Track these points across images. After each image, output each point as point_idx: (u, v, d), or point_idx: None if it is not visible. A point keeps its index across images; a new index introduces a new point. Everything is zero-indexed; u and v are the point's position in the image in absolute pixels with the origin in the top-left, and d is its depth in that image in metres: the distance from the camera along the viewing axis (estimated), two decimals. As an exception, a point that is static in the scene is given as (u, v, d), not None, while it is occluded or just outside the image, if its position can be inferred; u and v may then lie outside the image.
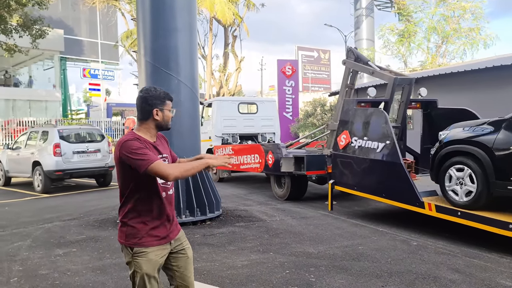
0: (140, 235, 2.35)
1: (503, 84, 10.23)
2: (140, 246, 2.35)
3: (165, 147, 2.58)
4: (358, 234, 5.89)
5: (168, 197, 2.46)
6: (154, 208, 2.38)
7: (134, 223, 2.36)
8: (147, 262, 2.35)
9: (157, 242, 2.38)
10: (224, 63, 32.83)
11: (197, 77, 7.22)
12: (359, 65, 8.30)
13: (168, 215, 2.45)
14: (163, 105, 2.47)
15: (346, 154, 7.08)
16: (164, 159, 2.46)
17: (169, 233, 2.45)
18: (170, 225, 2.47)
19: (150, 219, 2.38)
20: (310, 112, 22.49)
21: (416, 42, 21.82)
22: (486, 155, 5.11)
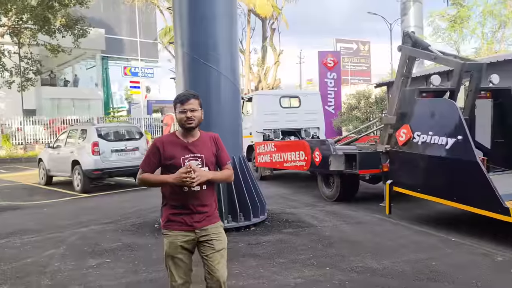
0: (167, 219, 2.75)
1: None
2: (165, 228, 2.77)
3: (205, 147, 2.78)
4: (427, 245, 5.09)
5: (192, 192, 2.68)
6: (177, 199, 2.71)
7: (163, 209, 2.82)
8: (169, 243, 2.73)
9: (178, 227, 2.71)
10: (263, 57, 32.22)
11: (238, 68, 6.61)
12: (418, 50, 7.40)
13: (192, 207, 2.71)
14: (175, 109, 2.77)
15: (407, 151, 6.24)
16: (196, 159, 2.72)
17: (193, 222, 2.72)
18: (195, 215, 2.72)
19: (174, 208, 2.73)
20: (354, 105, 21.45)
21: (470, 28, 20.31)
22: None
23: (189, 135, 2.75)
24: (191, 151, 2.72)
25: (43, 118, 26.18)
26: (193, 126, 2.73)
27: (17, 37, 22.36)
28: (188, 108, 2.69)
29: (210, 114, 6.07)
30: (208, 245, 2.75)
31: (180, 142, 2.74)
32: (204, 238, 2.74)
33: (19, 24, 21.93)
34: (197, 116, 2.73)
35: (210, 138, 2.84)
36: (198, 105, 2.76)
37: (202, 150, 2.74)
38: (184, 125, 2.71)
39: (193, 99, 2.74)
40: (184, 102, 2.71)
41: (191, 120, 2.69)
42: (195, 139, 2.76)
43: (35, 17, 21.28)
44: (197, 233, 2.74)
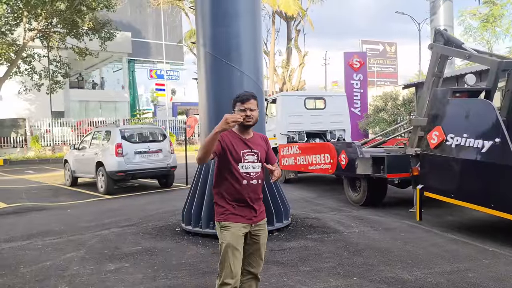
0: (226, 212, 2.85)
1: None
2: (225, 220, 2.86)
3: (259, 144, 2.97)
4: (462, 255, 4.76)
5: (250, 185, 2.87)
6: (235, 192, 2.86)
7: (221, 203, 2.90)
8: (231, 234, 2.82)
9: (239, 219, 2.85)
10: (287, 58, 31.98)
11: (261, 68, 6.41)
12: (450, 49, 7.05)
13: (250, 201, 2.87)
14: (234, 107, 2.96)
15: (440, 155, 5.91)
16: (253, 154, 2.91)
17: (252, 217, 2.89)
18: (253, 209, 2.89)
19: (234, 201, 2.86)
20: (381, 107, 20.98)
21: (504, 27, 19.55)
22: None
23: (245, 132, 2.94)
24: (249, 147, 2.91)
25: (70, 120, 26.68)
26: (251, 124, 2.91)
27: (46, 40, 22.84)
28: (248, 107, 2.88)
29: (233, 115, 5.92)
30: (255, 240, 2.94)
31: (238, 137, 2.91)
32: (255, 233, 2.93)
33: (49, 28, 22.39)
34: (255, 115, 2.92)
35: (261, 138, 3.05)
36: (256, 105, 2.94)
37: (257, 147, 2.94)
38: (243, 122, 2.84)
39: (252, 99, 2.92)
40: (244, 101, 2.89)
41: (250, 118, 2.88)
42: (250, 136, 2.96)
43: (63, 20, 21.69)
44: (252, 227, 2.91)
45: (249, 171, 2.88)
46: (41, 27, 21.85)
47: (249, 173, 2.88)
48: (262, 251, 2.99)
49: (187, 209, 6.14)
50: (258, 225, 2.94)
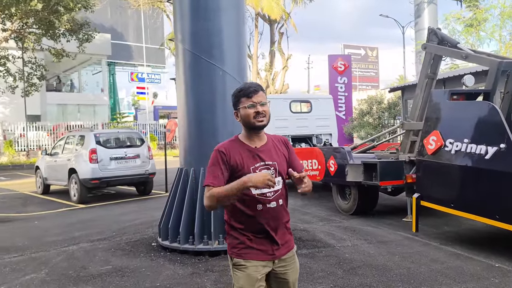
0: (240, 246, 2.20)
1: None
2: (238, 257, 2.21)
3: (276, 153, 2.25)
4: (468, 273, 4.32)
5: (268, 210, 2.18)
6: (248, 220, 2.18)
7: (233, 233, 2.24)
8: (245, 277, 2.18)
9: (256, 256, 2.19)
10: (271, 61, 31.59)
11: (245, 68, 5.92)
12: (446, 49, 6.66)
13: (271, 230, 2.19)
14: (238, 105, 2.23)
15: (438, 161, 5.48)
16: (268, 168, 2.20)
17: (274, 251, 2.22)
18: (274, 241, 2.21)
19: (249, 231, 2.19)
20: (366, 110, 20.68)
21: (488, 31, 19.49)
22: None
23: (256, 138, 2.24)
24: (262, 159, 2.21)
25: (46, 123, 25.71)
26: (265, 123, 2.19)
27: (21, 41, 21.93)
28: (258, 101, 2.16)
29: (215, 118, 5.40)
30: (283, 279, 2.28)
31: (246, 147, 2.21)
32: (280, 270, 2.27)
33: (23, 28, 21.50)
34: (268, 111, 2.21)
35: (280, 141, 2.32)
36: (266, 99, 2.23)
37: (274, 156, 2.24)
38: (254, 123, 2.17)
39: (261, 91, 2.20)
40: (251, 94, 2.17)
41: (262, 116, 2.17)
42: (263, 143, 2.25)
43: (39, 21, 20.87)
44: (275, 264, 2.25)
45: (265, 191, 2.17)
46: (16, 27, 20.96)
47: (264, 194, 2.18)
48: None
49: (164, 222, 5.57)
50: (283, 259, 2.26)
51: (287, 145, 2.36)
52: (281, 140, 2.35)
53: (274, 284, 2.30)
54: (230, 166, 2.18)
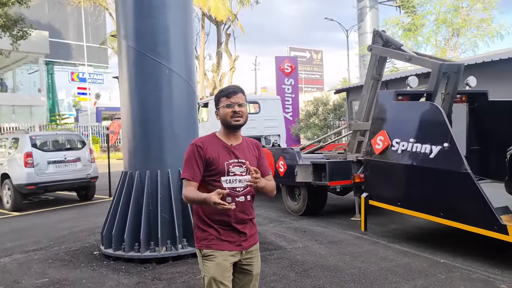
0: (209, 237, 2.33)
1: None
2: (208, 248, 2.32)
3: (249, 153, 2.43)
4: (416, 269, 4.39)
5: (236, 203, 2.30)
6: (220, 213, 2.27)
7: (202, 226, 2.36)
8: (215, 265, 2.30)
9: (225, 246, 2.32)
10: (218, 62, 31.38)
11: (193, 67, 5.72)
12: (390, 50, 6.82)
13: (238, 222, 2.35)
14: (218, 104, 2.40)
15: (385, 161, 5.57)
16: (240, 165, 2.36)
17: (242, 242, 2.37)
18: (242, 232, 2.37)
19: (218, 223, 2.33)
20: (312, 111, 21.03)
21: (425, 36, 20.44)
22: None
23: (232, 136, 2.41)
24: (236, 156, 2.36)
25: (-25, 126, 23.95)
26: (241, 123, 2.36)
27: None
28: (236, 102, 2.34)
29: (161, 119, 5.17)
30: (247, 271, 2.43)
31: (222, 144, 2.38)
32: (246, 261, 2.41)
33: None
34: (245, 112, 2.38)
35: (252, 144, 2.50)
36: (245, 101, 2.41)
37: (247, 155, 2.39)
38: (230, 121, 2.34)
39: (240, 93, 2.38)
40: (231, 95, 2.35)
41: (239, 115, 2.33)
42: (238, 142, 2.42)
43: (-33, 15, 19.33)
44: (242, 255, 2.39)
45: (235, 186, 2.33)
46: None
47: (235, 189, 2.33)
48: (256, 284, 2.48)
49: (107, 228, 5.24)
50: (249, 251, 2.41)
51: (259, 149, 2.52)
52: (254, 143, 2.52)
53: (239, 276, 2.41)
54: (206, 160, 2.32)
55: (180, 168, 5.16)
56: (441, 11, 20.17)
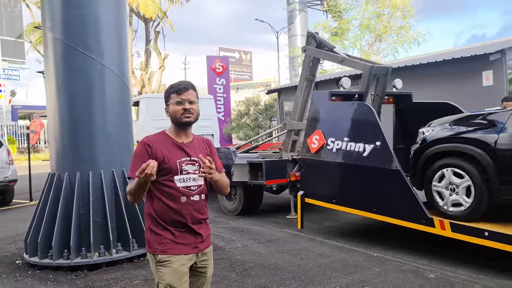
0: (165, 241, 2.22)
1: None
2: (163, 254, 2.22)
3: (200, 151, 2.32)
4: (352, 264, 4.55)
5: (191, 203, 2.25)
6: (173, 214, 2.22)
7: (156, 229, 2.25)
8: (172, 272, 2.20)
9: (181, 250, 2.23)
10: (146, 60, 30.48)
11: (127, 63, 5.46)
12: (324, 52, 7.02)
13: (193, 223, 2.27)
14: (168, 101, 2.31)
15: (321, 160, 5.72)
16: (193, 163, 2.29)
17: (198, 243, 2.29)
18: (198, 233, 2.29)
19: (172, 225, 2.23)
20: (244, 112, 21.16)
21: (351, 40, 21.43)
22: (487, 155, 4.20)
23: (183, 134, 2.34)
24: (188, 154, 2.30)
25: None
26: (192, 120, 2.30)
27: None
28: (186, 99, 2.27)
29: (93, 118, 4.88)
30: (201, 273, 2.36)
31: (173, 142, 2.30)
32: (201, 264, 2.34)
33: None
34: (196, 109, 2.31)
35: (203, 142, 2.43)
36: (196, 98, 2.33)
37: (198, 153, 2.28)
38: (181, 118, 2.27)
39: (191, 90, 2.30)
40: (181, 91, 2.28)
41: (189, 113, 2.27)
42: (189, 140, 2.36)
43: None
44: (198, 257, 2.32)
45: (189, 184, 2.26)
46: None
47: (189, 188, 2.26)
48: (208, 287, 2.42)
49: (31, 235, 4.84)
50: (204, 253, 2.34)
51: (210, 146, 2.45)
52: (205, 141, 2.45)
53: (192, 279, 2.32)
54: (156, 159, 2.18)
55: (114, 168, 4.98)
56: (364, 17, 21.28)
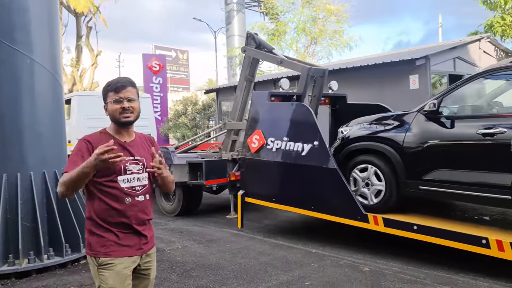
0: (107, 244, 2.15)
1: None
2: (106, 256, 2.15)
3: (143, 149, 2.29)
4: (292, 261, 4.65)
5: (136, 203, 2.20)
6: (116, 215, 2.16)
7: (98, 231, 2.17)
8: (115, 275, 2.14)
9: (125, 253, 2.17)
10: (77, 57, 29.11)
11: (60, 58, 5.19)
12: (263, 53, 7.09)
13: (138, 224, 2.21)
14: (106, 99, 2.23)
15: (261, 159, 5.79)
16: (136, 163, 2.23)
17: (142, 245, 2.23)
18: (142, 234, 2.23)
19: (115, 226, 2.16)
20: (181, 111, 20.88)
21: (287, 42, 21.92)
22: (396, 153, 4.64)
23: (125, 132, 2.27)
24: (131, 153, 2.23)
25: None
26: (132, 120, 2.23)
27: None
28: (125, 97, 2.19)
29: (21, 116, 4.59)
30: (144, 275, 2.31)
31: (115, 141, 2.18)
32: (145, 265, 2.29)
33: None
34: (136, 107, 2.23)
35: (146, 139, 2.38)
36: (136, 95, 2.25)
37: (142, 152, 2.27)
38: (120, 118, 2.20)
39: (130, 87, 2.23)
40: (119, 89, 2.19)
41: (128, 112, 2.20)
42: (132, 138, 2.29)
43: None
44: (142, 259, 2.27)
45: (133, 185, 2.21)
46: None
47: (133, 188, 2.21)
48: None
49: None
50: (148, 255, 2.29)
51: (153, 143, 2.39)
52: (148, 138, 2.41)
53: (135, 281, 2.27)
54: None
55: (46, 170, 4.70)
56: (300, 20, 21.85)
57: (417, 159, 4.52)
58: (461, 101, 4.71)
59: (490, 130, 3.95)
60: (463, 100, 4.75)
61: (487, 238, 3.86)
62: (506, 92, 4.62)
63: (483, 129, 4.01)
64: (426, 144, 4.47)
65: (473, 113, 4.57)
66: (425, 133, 4.51)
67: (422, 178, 4.46)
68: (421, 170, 4.47)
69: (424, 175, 4.45)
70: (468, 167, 4.19)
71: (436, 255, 4.51)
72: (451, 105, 4.64)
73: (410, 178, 4.55)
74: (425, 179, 4.44)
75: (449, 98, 4.50)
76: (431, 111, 4.47)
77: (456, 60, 10.98)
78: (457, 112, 4.63)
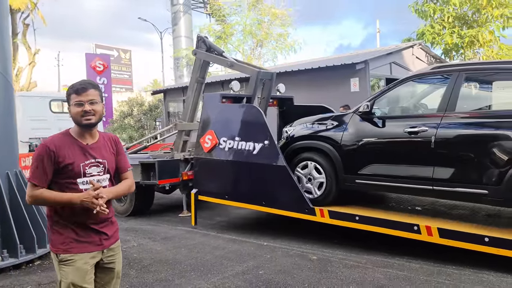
0: (67, 241, 2.23)
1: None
2: (66, 253, 2.24)
3: (106, 151, 2.35)
4: (245, 253, 4.94)
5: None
6: (76, 213, 2.24)
7: (58, 228, 2.26)
8: (74, 270, 2.22)
9: (85, 249, 2.26)
10: (13, 55, 27.69)
11: (10, 57, 5.14)
12: (214, 56, 7.32)
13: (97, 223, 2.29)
14: (69, 102, 2.30)
15: (214, 158, 6.02)
16: (97, 165, 2.31)
17: (103, 240, 2.32)
18: (103, 231, 2.32)
19: (76, 225, 2.25)
20: (127, 112, 20.54)
21: (234, 44, 22.20)
22: (335, 150, 5.12)
23: (87, 135, 2.33)
24: (93, 156, 2.30)
25: None
26: (93, 122, 2.27)
27: None
28: (86, 100, 2.24)
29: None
30: (109, 268, 2.39)
31: (78, 143, 2.29)
32: (108, 259, 2.38)
33: None
34: (98, 110, 2.29)
35: (109, 140, 2.43)
36: (99, 97, 2.31)
37: (104, 154, 2.35)
38: (81, 121, 2.25)
39: (92, 89, 2.27)
40: (80, 92, 2.24)
41: (90, 114, 2.24)
42: (94, 140, 2.35)
43: None
44: (103, 254, 2.35)
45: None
46: None
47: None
48: (117, 281, 2.47)
49: None
50: (111, 249, 2.38)
51: (117, 144, 2.47)
52: (112, 138, 2.47)
53: (100, 274, 2.37)
54: (58, 162, 2.22)
55: (-1, 172, 4.64)
56: (247, 23, 22.23)
57: (353, 156, 5.00)
58: (391, 103, 5.26)
59: (414, 129, 4.49)
60: (393, 102, 5.30)
61: (418, 225, 4.37)
62: (430, 94, 5.19)
63: (409, 128, 4.54)
64: (361, 142, 4.95)
65: (401, 114, 5.13)
66: (360, 132, 4.99)
67: (358, 173, 4.94)
68: (357, 165, 4.95)
69: (359, 170, 4.93)
70: (397, 162, 4.72)
71: (376, 242, 4.98)
72: (383, 107, 5.16)
73: (348, 173, 5.02)
74: (361, 173, 4.92)
75: (381, 100, 5.01)
76: (365, 112, 4.96)
77: (392, 65, 11.85)
78: (387, 112, 5.16)
